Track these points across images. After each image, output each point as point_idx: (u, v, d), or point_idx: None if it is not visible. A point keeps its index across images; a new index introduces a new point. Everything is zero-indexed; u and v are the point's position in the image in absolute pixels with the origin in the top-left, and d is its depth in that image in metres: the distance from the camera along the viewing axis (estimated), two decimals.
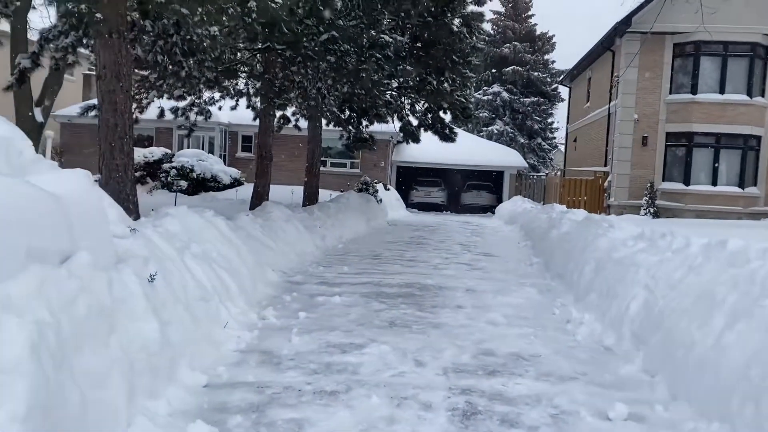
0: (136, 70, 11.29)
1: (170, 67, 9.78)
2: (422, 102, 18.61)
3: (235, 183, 22.58)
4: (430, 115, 18.87)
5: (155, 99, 12.92)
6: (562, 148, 40.53)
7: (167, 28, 8.97)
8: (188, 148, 24.53)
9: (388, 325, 5.40)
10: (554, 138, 39.33)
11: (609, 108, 22.88)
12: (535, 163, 35.92)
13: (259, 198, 12.75)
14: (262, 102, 11.93)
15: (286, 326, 5.22)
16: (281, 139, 24.76)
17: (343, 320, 5.54)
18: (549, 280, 8.12)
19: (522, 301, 6.73)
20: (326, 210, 13.59)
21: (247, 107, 15.89)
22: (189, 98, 13.81)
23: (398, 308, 6.12)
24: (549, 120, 38.49)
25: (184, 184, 20.50)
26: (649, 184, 20.61)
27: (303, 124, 18.22)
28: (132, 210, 7.72)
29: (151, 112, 14.65)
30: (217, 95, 13.75)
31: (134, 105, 13.27)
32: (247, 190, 21.85)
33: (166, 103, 14.03)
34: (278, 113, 19.80)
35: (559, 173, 27.45)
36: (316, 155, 16.98)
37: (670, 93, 20.98)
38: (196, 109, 14.46)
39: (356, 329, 5.22)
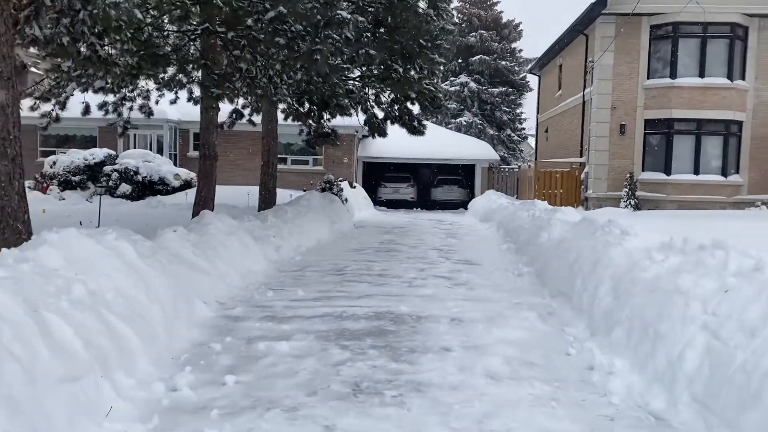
0: (46, 58, 9.50)
1: (83, 50, 8.02)
2: (388, 92, 17.11)
3: (186, 185, 20.69)
4: (396, 107, 17.36)
5: (75, 93, 11.07)
6: (532, 139, 39.50)
7: (72, 2, 7.23)
8: (135, 148, 22.54)
9: (351, 393, 3.86)
10: (524, 129, 38.22)
11: (583, 95, 21.70)
12: (505, 155, 34.73)
13: (203, 204, 11.06)
14: (202, 93, 10.25)
15: (203, 405, 3.64)
16: (236, 136, 22.99)
17: (288, 385, 3.98)
18: (548, 299, 6.69)
19: (523, 335, 5.27)
20: (282, 215, 11.97)
21: (188, 100, 14.13)
22: (120, 92, 12.00)
23: (366, 357, 4.59)
24: (518, 111, 37.33)
25: (127, 188, 18.58)
26: (628, 175, 19.50)
27: (259, 119, 16.55)
28: (21, 230, 6.02)
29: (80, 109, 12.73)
30: (151, 85, 11.97)
31: (53, 101, 11.43)
32: None
33: (94, 98, 12.19)
34: (230, 106, 18.08)
35: (531, 165, 26.24)
36: (272, 152, 15.32)
37: (648, 78, 19.88)
38: (129, 104, 12.65)
39: (306, 403, 3.68)
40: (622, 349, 4.42)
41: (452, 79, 33.20)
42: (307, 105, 18.32)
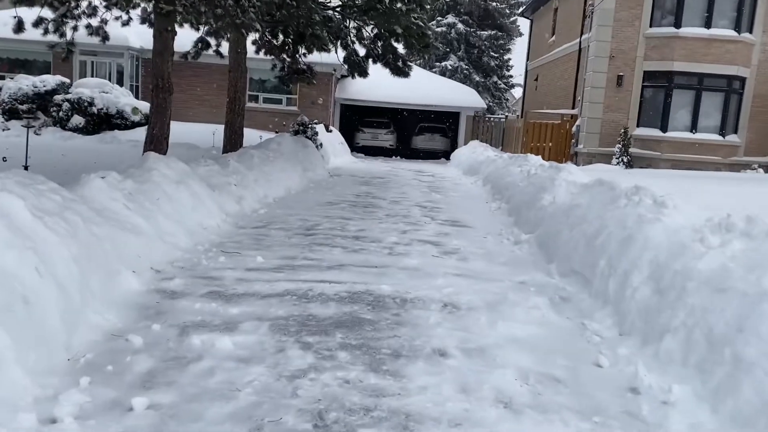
0: None
1: None
2: (371, 26, 15.52)
3: (147, 120, 18.97)
4: (380, 43, 15.79)
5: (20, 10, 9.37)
6: (519, 89, 38.01)
7: None
8: (94, 77, 20.60)
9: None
10: (511, 77, 36.64)
11: (580, 42, 20.29)
12: (491, 103, 33.24)
13: (155, 144, 9.63)
14: (153, 10, 8.68)
15: None
16: (204, 69, 21.17)
17: (222, 415, 2.80)
18: (558, 278, 5.57)
19: (536, 332, 4.15)
20: (248, 160, 10.60)
21: (143, 22, 12.43)
22: (62, 6, 10.28)
23: (335, 364, 3.42)
24: (506, 57, 35.64)
25: (79, 120, 16.86)
26: (623, 130, 18.38)
27: (227, 49, 14.87)
28: None
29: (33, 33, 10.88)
30: (98, 1, 10.27)
31: None
32: None
33: (31, 15, 10.46)
34: (195, 35, 16.35)
35: (519, 116, 24.99)
36: (240, 88, 13.76)
37: (651, 26, 18.51)
38: (74, 23, 10.93)
39: None
40: (679, 368, 3.31)
41: (439, 18, 31.27)
42: (281, 37, 16.69)
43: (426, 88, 24.31)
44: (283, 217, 8.25)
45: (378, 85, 22.88)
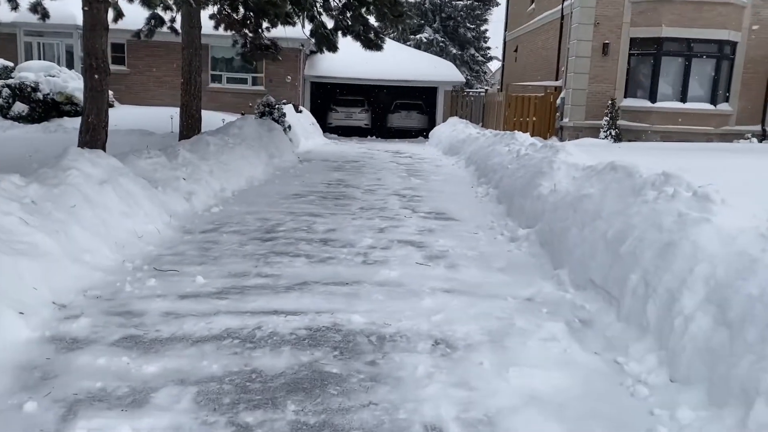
0: None
1: None
2: None
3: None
4: (349, 14, 14.53)
5: None
6: (497, 62, 36.80)
7: None
8: (41, 60, 18.95)
9: None
10: (489, 49, 35.33)
11: (562, 9, 19.14)
12: (469, 77, 32.02)
13: (92, 133, 8.33)
14: None
15: None
16: (162, 48, 19.67)
17: None
18: (572, 290, 4.51)
19: (560, 380, 3.09)
20: (203, 148, 9.36)
21: None
22: None
23: None
24: (483, 28, 34.34)
25: (22, 108, 15.35)
26: (610, 102, 17.37)
27: None
28: None
29: None
30: None
31: None
32: (116, 115, 16.99)
33: None
34: (146, 12, 14.92)
35: (499, 90, 23.87)
36: (195, 67, 12.42)
37: None
38: None
39: None
40: None
41: (405, 4, 29.81)
42: (241, 10, 15.32)
43: (401, 62, 23.03)
44: (240, 215, 7.07)
45: (350, 61, 21.57)
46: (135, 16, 14.51)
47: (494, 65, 38.59)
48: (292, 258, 5.26)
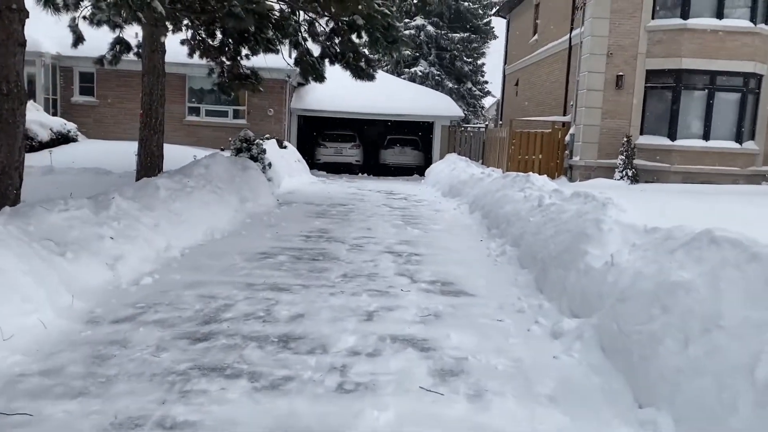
0: None
1: None
2: (326, 18, 12.66)
3: (61, 139, 15.74)
4: (337, 40, 12.91)
5: None
6: (493, 97, 35.47)
7: None
8: None
9: None
10: (486, 83, 33.98)
11: (570, 39, 17.69)
12: (466, 112, 30.57)
13: (1, 175, 6.50)
14: None
15: None
16: (134, 78, 17.96)
17: None
18: None
19: None
20: (148, 195, 7.52)
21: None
22: None
23: None
24: (480, 61, 33.04)
25: None
26: (625, 139, 15.77)
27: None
28: None
29: None
30: None
31: None
32: (78, 151, 15.21)
33: None
34: (110, 35, 13.42)
35: (500, 124, 22.35)
36: (156, 96, 10.73)
37: (654, 17, 16.00)
38: None
39: None
40: None
41: (407, 21, 28.58)
42: (219, 36, 13.76)
43: (395, 95, 21.46)
44: (178, 291, 5.20)
45: (340, 94, 19.99)
46: (101, 42, 12.98)
47: (487, 101, 37.21)
48: (228, 381, 3.38)
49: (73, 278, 4.88)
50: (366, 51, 13.37)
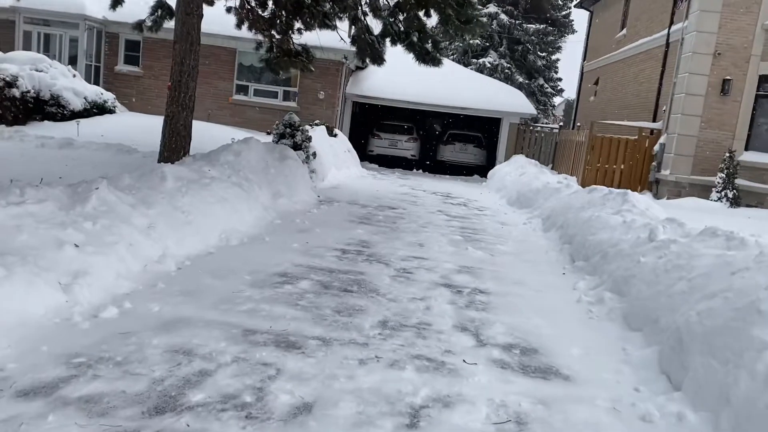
0: None
1: None
2: None
3: (96, 109, 14.61)
4: (402, 16, 11.23)
5: None
6: (565, 95, 33.04)
7: None
8: (41, 51, 16.25)
9: None
10: (560, 80, 31.53)
11: (668, 35, 15.42)
12: (536, 110, 28.33)
13: None
14: None
15: None
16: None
17: None
18: None
19: None
20: (148, 185, 6.03)
21: None
22: None
23: None
24: (554, 56, 30.64)
25: None
26: (727, 154, 13.51)
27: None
28: None
29: None
30: None
31: None
32: (111, 123, 14.04)
33: None
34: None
35: (578, 127, 20.18)
36: (188, 66, 9.26)
37: None
38: None
39: None
40: None
41: (478, 7, 26.53)
42: (270, 5, 12.33)
43: (459, 86, 19.58)
44: (144, 336, 3.62)
45: (400, 81, 18.30)
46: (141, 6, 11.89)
47: (557, 100, 34.76)
48: None
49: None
50: (432, 31, 11.63)
